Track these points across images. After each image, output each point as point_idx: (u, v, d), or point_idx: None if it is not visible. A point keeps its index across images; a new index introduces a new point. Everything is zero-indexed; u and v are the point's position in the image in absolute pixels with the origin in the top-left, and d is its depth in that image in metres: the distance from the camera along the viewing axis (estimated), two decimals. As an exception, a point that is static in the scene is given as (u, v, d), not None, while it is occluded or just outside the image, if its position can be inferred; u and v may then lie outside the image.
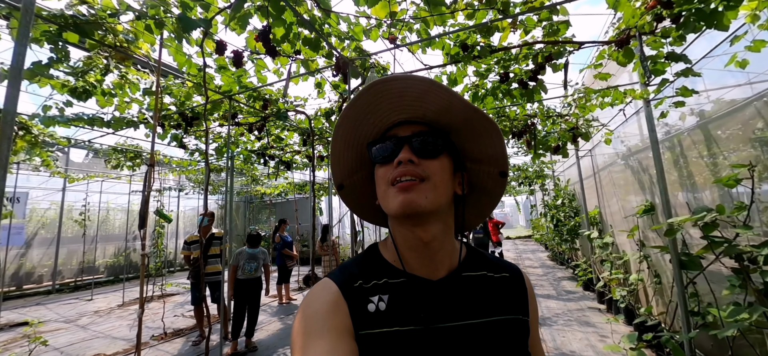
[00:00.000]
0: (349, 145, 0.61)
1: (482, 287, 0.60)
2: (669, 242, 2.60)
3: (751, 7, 2.12)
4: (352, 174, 0.65)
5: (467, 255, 0.64)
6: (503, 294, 0.61)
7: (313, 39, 2.27)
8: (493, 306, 0.58)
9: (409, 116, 0.58)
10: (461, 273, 0.60)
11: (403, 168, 0.54)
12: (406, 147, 0.56)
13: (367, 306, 0.55)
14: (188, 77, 2.75)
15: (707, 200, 3.44)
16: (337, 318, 0.52)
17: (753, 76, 3.16)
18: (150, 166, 2.10)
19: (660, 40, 2.41)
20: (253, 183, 8.98)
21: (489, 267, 0.64)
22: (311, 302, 0.55)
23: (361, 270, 0.60)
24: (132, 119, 3.65)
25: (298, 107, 3.56)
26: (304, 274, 8.78)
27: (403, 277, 0.58)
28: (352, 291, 0.57)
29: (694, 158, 3.65)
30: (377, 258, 0.62)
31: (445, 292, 0.57)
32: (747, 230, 2.17)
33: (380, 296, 0.56)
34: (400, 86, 0.54)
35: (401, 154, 0.55)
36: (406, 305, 0.55)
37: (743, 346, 2.50)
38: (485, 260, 0.65)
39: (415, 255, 0.58)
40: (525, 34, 2.41)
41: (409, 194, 0.53)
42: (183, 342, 4.50)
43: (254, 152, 5.28)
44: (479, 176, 0.65)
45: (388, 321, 0.54)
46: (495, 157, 0.62)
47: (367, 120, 0.58)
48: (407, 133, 0.58)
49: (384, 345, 0.52)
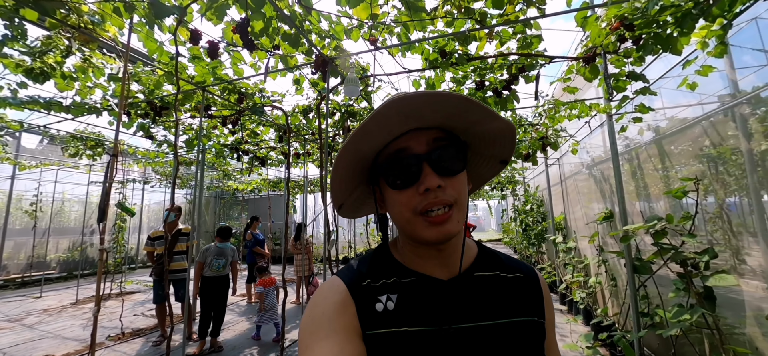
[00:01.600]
0: (351, 165, 0.56)
1: (495, 287, 0.58)
2: (624, 248, 2.79)
3: (701, 35, 2.32)
4: (352, 193, 0.62)
5: (479, 255, 0.62)
6: (517, 294, 0.58)
7: (292, 35, 2.24)
8: (506, 307, 0.56)
9: (420, 125, 0.53)
10: (473, 273, 0.58)
11: (433, 198, 0.50)
12: (428, 168, 0.51)
13: (375, 305, 0.53)
14: (159, 65, 2.63)
15: (660, 210, 3.73)
16: (344, 318, 0.51)
17: (703, 98, 3.46)
18: (113, 156, 1.99)
19: (622, 60, 2.58)
20: (225, 178, 8.69)
21: (502, 267, 0.61)
22: (319, 301, 0.54)
23: (369, 269, 0.58)
24: (94, 106, 3.43)
25: (275, 103, 3.50)
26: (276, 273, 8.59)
27: (413, 276, 0.56)
28: (360, 290, 0.55)
29: (649, 171, 3.93)
30: (387, 257, 0.60)
31: (456, 292, 0.55)
32: (691, 238, 2.37)
33: (389, 295, 0.54)
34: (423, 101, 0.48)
35: (427, 180, 0.50)
36: (416, 305, 0.53)
37: (685, 345, 2.73)
38: (498, 260, 0.63)
39: (426, 256, 0.57)
40: (500, 45, 2.51)
41: (443, 227, 0.50)
42: (142, 342, 4.28)
43: (227, 146, 5.12)
44: (476, 164, 0.64)
45: (397, 320, 0.52)
46: (504, 152, 0.60)
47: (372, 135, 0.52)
48: (422, 146, 0.52)
49: (392, 345, 0.50)
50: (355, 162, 0.56)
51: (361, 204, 0.67)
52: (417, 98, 0.47)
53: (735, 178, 3.58)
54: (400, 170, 0.52)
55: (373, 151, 0.55)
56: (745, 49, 3.21)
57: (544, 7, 2.02)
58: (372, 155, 0.56)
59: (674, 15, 2.11)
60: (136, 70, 2.80)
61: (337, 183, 0.58)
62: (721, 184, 3.66)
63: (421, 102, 0.48)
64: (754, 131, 2.79)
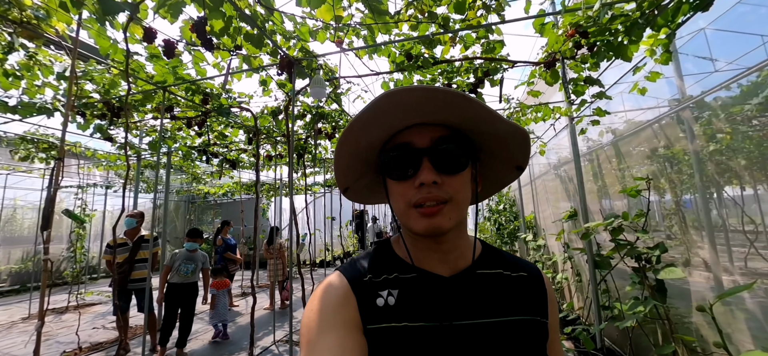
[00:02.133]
0: (355, 153, 0.57)
1: (498, 285, 0.58)
2: (586, 245, 2.91)
3: (648, 43, 2.47)
4: (359, 179, 0.63)
5: (483, 252, 0.62)
6: (520, 293, 0.58)
7: (255, 35, 2.19)
8: (509, 306, 0.56)
9: (425, 119, 0.53)
10: (476, 270, 0.58)
11: (426, 193, 0.51)
12: (426, 163, 0.51)
13: (376, 300, 0.54)
14: (113, 64, 2.50)
15: (619, 208, 3.93)
16: (345, 313, 0.52)
17: (658, 102, 3.68)
18: (58, 159, 1.87)
19: (580, 65, 2.71)
20: (195, 182, 8.37)
21: (506, 266, 0.61)
22: (320, 296, 0.54)
23: (371, 265, 0.59)
24: (45, 105, 3.21)
25: (243, 104, 3.41)
26: (249, 278, 8.36)
27: (414, 272, 0.57)
28: (362, 285, 0.56)
29: (609, 171, 4.14)
30: (389, 254, 0.61)
31: (457, 289, 0.55)
32: (644, 234, 2.52)
33: (389, 291, 0.55)
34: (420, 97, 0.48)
35: (423, 174, 0.51)
36: (417, 300, 0.54)
37: (640, 335, 2.89)
38: (502, 258, 0.63)
39: (427, 251, 0.57)
40: (465, 49, 2.57)
41: (433, 219, 0.51)
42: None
43: (195, 148, 4.93)
44: (492, 167, 0.63)
45: (397, 316, 0.52)
46: (517, 157, 0.60)
47: (375, 125, 0.53)
48: (424, 141, 0.53)
49: (392, 340, 0.51)
50: (359, 149, 0.56)
51: (371, 191, 0.67)
52: (412, 93, 0.47)
53: (687, 177, 3.84)
54: (400, 163, 0.53)
55: (376, 142, 0.56)
56: (690, 57, 3.45)
57: (503, 14, 2.09)
58: (377, 145, 0.57)
59: (624, 24, 2.23)
60: (89, 68, 2.64)
61: (340, 168, 0.59)
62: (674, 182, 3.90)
63: (418, 97, 0.48)
64: (698, 133, 3.00)
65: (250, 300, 6.50)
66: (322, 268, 8.73)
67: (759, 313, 2.40)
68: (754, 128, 3.70)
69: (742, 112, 3.31)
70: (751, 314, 2.46)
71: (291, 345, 2.60)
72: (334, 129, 4.15)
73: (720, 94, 3.06)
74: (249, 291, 7.32)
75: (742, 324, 2.46)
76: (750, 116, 3.52)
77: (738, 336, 2.42)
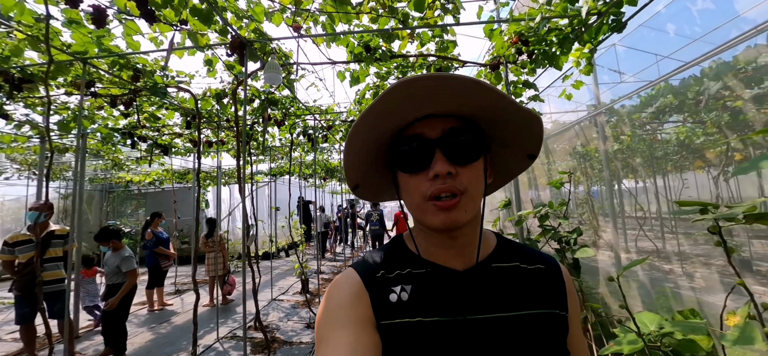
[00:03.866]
0: (364, 148, 0.55)
1: (514, 278, 0.56)
2: (518, 230, 3.28)
3: (576, 55, 2.84)
4: (369, 175, 0.61)
5: (498, 245, 0.61)
6: (538, 286, 0.57)
7: (204, 10, 2.02)
8: (526, 299, 0.54)
9: (436, 110, 0.51)
10: (491, 264, 0.57)
11: (441, 185, 0.49)
12: (439, 154, 0.50)
13: (389, 296, 0.53)
14: (18, 27, 2.09)
15: (545, 198, 4.47)
16: (359, 309, 0.51)
17: (578, 106, 4.23)
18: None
19: (520, 70, 3.00)
20: (115, 168, 7.37)
21: (522, 258, 0.59)
22: (334, 293, 0.54)
23: (384, 260, 0.58)
24: None
25: (182, 84, 3.11)
26: (183, 275, 7.69)
27: (428, 267, 0.56)
28: (375, 281, 0.55)
29: (538, 165, 4.67)
30: (402, 249, 0.60)
31: (472, 283, 0.54)
32: (565, 220, 2.92)
33: (403, 286, 0.54)
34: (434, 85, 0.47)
35: (437, 165, 0.50)
36: (431, 295, 0.53)
37: (560, 306, 3.37)
38: (519, 250, 0.61)
39: (440, 246, 0.56)
40: (421, 46, 2.67)
41: (450, 213, 0.50)
42: (-1, 373, 3.43)
43: (118, 130, 4.36)
44: (503, 157, 0.62)
45: (411, 311, 0.52)
46: (530, 145, 0.58)
47: (386, 117, 0.51)
48: (436, 132, 0.51)
49: (406, 335, 0.50)
50: (369, 143, 0.55)
51: (381, 188, 0.66)
52: (428, 80, 0.46)
53: (597, 171, 4.50)
54: (413, 155, 0.52)
55: (386, 135, 0.55)
56: (605, 69, 4.02)
57: (458, 16, 2.22)
58: (386, 139, 0.55)
59: (557, 36, 2.53)
60: (-18, 30, 2.17)
61: (351, 163, 0.57)
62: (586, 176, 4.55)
63: (434, 85, 0.46)
64: (607, 135, 3.54)
65: (185, 297, 6.01)
66: (267, 260, 8.40)
67: (647, 283, 2.98)
68: (646, 132, 4.47)
69: (640, 118, 3.98)
70: (640, 283, 3.04)
71: (245, 342, 2.50)
72: (284, 116, 4.00)
73: (625, 102, 3.65)
74: (184, 288, 6.75)
75: (634, 291, 3.02)
76: (644, 123, 4.25)
77: (631, 302, 2.97)
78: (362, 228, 11.87)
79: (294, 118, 4.19)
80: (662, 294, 2.74)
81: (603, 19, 2.35)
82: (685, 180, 4.99)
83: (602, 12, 2.28)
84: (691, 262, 3.79)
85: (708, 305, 2.46)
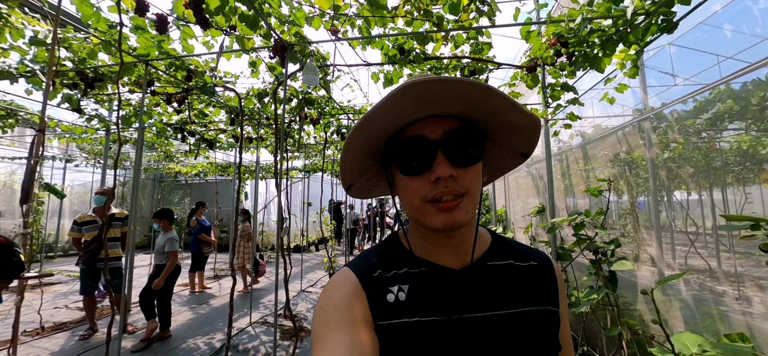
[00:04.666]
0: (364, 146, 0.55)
1: (509, 276, 0.57)
2: (550, 238, 3.17)
3: (620, 57, 2.70)
4: (362, 174, 0.61)
5: (493, 243, 0.61)
6: (531, 283, 0.58)
7: (250, 16, 2.18)
8: (520, 297, 0.55)
9: (437, 112, 0.51)
10: (486, 262, 0.58)
11: (443, 187, 0.49)
12: (441, 156, 0.50)
13: (386, 296, 0.54)
14: (95, 33, 2.38)
15: (582, 206, 4.27)
16: (356, 309, 0.51)
17: (624, 109, 4.00)
18: (39, 131, 1.80)
19: (558, 72, 2.91)
20: (166, 160, 8.02)
21: (516, 256, 0.60)
22: (330, 293, 0.54)
23: (380, 260, 0.58)
24: (8, 71, 2.99)
25: (228, 84, 3.34)
26: (221, 261, 8.20)
27: (424, 267, 0.56)
28: (371, 281, 0.55)
29: (576, 171, 4.46)
30: (398, 248, 0.60)
31: (468, 282, 0.55)
32: (603, 230, 2.79)
33: (400, 286, 0.55)
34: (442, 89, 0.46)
35: (439, 168, 0.49)
36: (427, 295, 0.54)
37: (592, 320, 3.21)
38: (512, 248, 0.62)
39: (437, 245, 0.56)
40: (455, 48, 2.68)
41: (452, 214, 0.50)
42: (67, 337, 3.88)
43: (171, 125, 4.75)
44: (497, 156, 0.62)
45: (408, 311, 0.52)
46: (525, 145, 0.59)
47: (387, 117, 0.50)
48: (437, 133, 0.51)
49: (404, 335, 0.50)
50: (368, 144, 0.54)
51: (373, 185, 0.66)
52: (435, 84, 0.45)
53: (643, 180, 4.22)
54: (413, 157, 0.51)
55: (386, 132, 0.53)
56: (653, 71, 3.77)
57: (494, 19, 2.21)
58: (385, 135, 0.54)
59: (600, 38, 2.43)
60: (67, 35, 2.50)
61: (348, 164, 0.57)
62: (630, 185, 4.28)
63: (441, 89, 0.46)
64: (655, 142, 3.32)
65: (223, 282, 6.42)
66: (298, 253, 8.72)
67: (691, 302, 2.77)
68: (702, 139, 4.13)
69: (694, 125, 3.69)
70: (684, 303, 2.83)
71: (275, 329, 2.66)
72: (319, 115, 4.16)
73: (677, 107, 3.40)
74: (222, 273, 7.21)
75: (677, 311, 2.82)
76: (700, 129, 3.93)
77: (673, 322, 2.77)
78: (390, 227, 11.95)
79: (328, 117, 4.34)
80: (709, 315, 2.54)
81: (651, 19, 2.23)
82: (748, 194, 4.53)
83: (650, 12, 2.16)
84: (750, 285, 3.45)
85: (763, 332, 2.24)
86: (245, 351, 3.60)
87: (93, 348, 3.56)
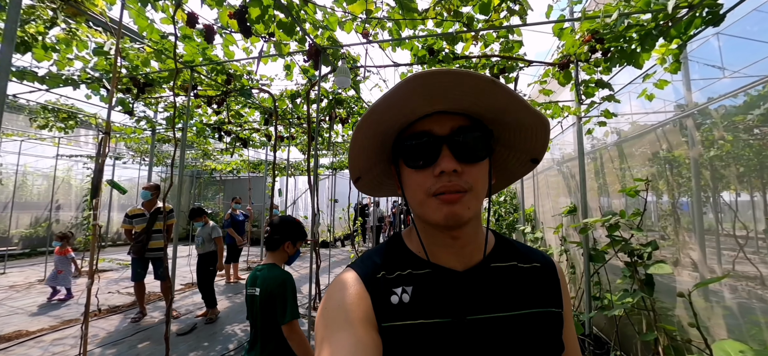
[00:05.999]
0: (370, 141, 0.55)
1: (512, 278, 0.57)
2: (582, 239, 3.10)
3: (660, 52, 2.59)
4: (371, 168, 0.62)
5: (496, 245, 0.61)
6: (534, 285, 0.58)
7: (288, 23, 2.30)
8: (523, 298, 0.55)
9: (447, 107, 0.51)
10: (490, 264, 0.58)
11: (446, 182, 0.50)
12: (446, 151, 0.50)
13: (390, 297, 0.54)
14: (150, 43, 2.60)
15: (616, 206, 4.11)
16: (359, 311, 0.51)
17: (665, 105, 3.80)
18: (105, 133, 2.01)
19: (592, 68, 2.83)
20: (204, 157, 8.50)
21: (519, 257, 0.60)
22: (333, 294, 0.54)
23: (384, 261, 0.58)
24: (72, 78, 3.32)
25: (264, 86, 3.52)
26: (253, 254, 8.59)
27: (428, 268, 0.56)
28: (375, 282, 0.55)
29: (610, 170, 4.30)
30: (401, 248, 0.60)
31: (472, 283, 0.55)
32: (639, 232, 2.70)
33: (404, 287, 0.54)
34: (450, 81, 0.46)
35: (443, 162, 0.49)
36: (431, 297, 0.54)
37: (626, 324, 3.11)
38: (515, 249, 0.62)
39: (441, 245, 0.56)
40: (484, 47, 2.68)
41: (453, 208, 0.50)
42: (120, 319, 4.26)
43: (210, 125, 5.06)
44: (506, 159, 0.62)
45: (412, 313, 0.52)
46: (535, 149, 0.59)
47: (395, 111, 0.51)
48: (445, 129, 0.51)
49: (408, 337, 0.51)
50: (375, 136, 0.54)
51: (381, 183, 0.66)
52: (442, 75, 0.45)
53: (685, 180, 4.00)
54: (419, 150, 0.52)
55: (392, 129, 0.54)
56: (699, 64, 3.55)
57: (525, 17, 2.20)
58: (394, 131, 0.55)
59: (638, 33, 2.35)
60: (124, 45, 2.75)
61: (355, 154, 0.57)
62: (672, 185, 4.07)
63: (449, 81, 0.46)
64: (699, 140, 3.15)
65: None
66: (325, 248, 8.97)
67: (736, 310, 2.62)
68: (755, 136, 3.85)
69: (745, 120, 3.46)
70: (729, 310, 2.68)
71: (309, 319, 2.80)
72: (348, 115, 4.28)
73: (725, 102, 3.20)
74: (254, 266, 7.58)
75: (720, 318, 2.67)
76: (752, 126, 3.67)
77: (716, 329, 2.64)
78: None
79: (357, 116, 4.45)
80: (755, 324, 2.39)
81: (695, 11, 2.13)
82: (806, 196, 4.17)
83: (694, 4, 2.07)
84: (807, 294, 3.19)
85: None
86: (278, 339, 3.80)
87: (143, 330, 3.89)
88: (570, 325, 0.61)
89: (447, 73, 0.45)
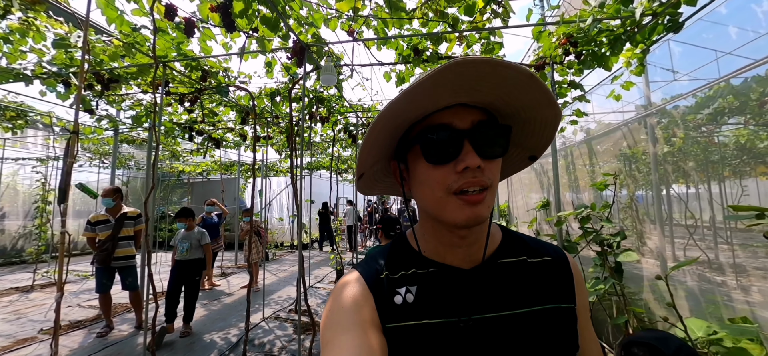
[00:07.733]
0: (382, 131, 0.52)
1: (521, 274, 0.55)
2: (557, 231, 3.27)
3: (626, 56, 2.79)
4: (373, 165, 0.59)
5: (504, 240, 0.59)
6: (545, 280, 0.55)
7: (272, 19, 2.24)
8: (534, 295, 0.53)
9: (469, 99, 0.49)
10: (497, 260, 0.56)
11: (471, 178, 0.47)
12: (468, 146, 0.48)
13: (394, 298, 0.53)
14: (121, 36, 2.43)
15: (585, 200, 4.38)
16: (363, 312, 0.50)
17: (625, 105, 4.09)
18: (73, 133, 1.86)
19: (566, 70, 2.99)
20: (172, 158, 8.04)
21: (528, 252, 0.58)
22: (338, 296, 0.53)
23: (388, 261, 0.57)
24: (23, 72, 3.03)
25: (242, 84, 3.40)
26: (226, 259, 8.27)
27: (433, 267, 0.55)
28: (379, 283, 0.54)
29: (580, 166, 4.57)
30: (405, 248, 0.59)
31: (479, 281, 0.53)
32: (608, 223, 2.89)
33: (407, 287, 0.53)
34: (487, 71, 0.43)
35: (468, 158, 0.47)
36: (436, 296, 0.52)
37: (599, 309, 3.33)
38: (524, 243, 0.59)
39: (448, 244, 0.54)
40: (467, 48, 2.75)
41: (476, 208, 0.48)
42: (84, 334, 3.94)
43: (180, 125, 4.80)
44: (510, 155, 0.61)
45: (417, 313, 0.51)
46: (538, 146, 0.57)
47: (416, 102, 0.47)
48: (466, 123, 0.49)
49: (413, 338, 0.50)
50: (386, 129, 0.51)
51: (377, 180, 0.64)
52: (483, 64, 0.42)
53: (644, 175, 4.34)
54: (439, 145, 0.48)
55: (408, 121, 0.51)
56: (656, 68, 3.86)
57: (508, 20, 2.29)
58: (407, 124, 0.52)
59: (608, 37, 2.52)
60: (89, 38, 2.54)
61: (367, 149, 0.54)
62: (632, 179, 4.40)
63: (485, 70, 0.43)
64: (657, 137, 3.42)
65: (231, 279, 6.49)
66: (305, 250, 8.80)
67: (696, 292, 2.89)
68: (702, 134, 4.25)
69: (695, 120, 3.80)
70: (689, 291, 2.95)
71: (299, 321, 2.74)
72: (329, 113, 4.22)
73: (679, 103, 3.50)
74: (228, 270, 7.28)
75: (682, 300, 2.94)
76: (699, 124, 4.04)
77: (679, 309, 2.89)
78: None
79: (337, 115, 4.41)
80: (713, 302, 2.66)
81: (658, 19, 2.32)
82: (745, 187, 4.66)
83: (658, 13, 2.25)
84: (748, 275, 3.58)
85: (764, 319, 2.36)
86: (261, 345, 3.68)
87: (112, 344, 3.62)
88: (586, 321, 0.58)
89: (486, 61, 0.42)
